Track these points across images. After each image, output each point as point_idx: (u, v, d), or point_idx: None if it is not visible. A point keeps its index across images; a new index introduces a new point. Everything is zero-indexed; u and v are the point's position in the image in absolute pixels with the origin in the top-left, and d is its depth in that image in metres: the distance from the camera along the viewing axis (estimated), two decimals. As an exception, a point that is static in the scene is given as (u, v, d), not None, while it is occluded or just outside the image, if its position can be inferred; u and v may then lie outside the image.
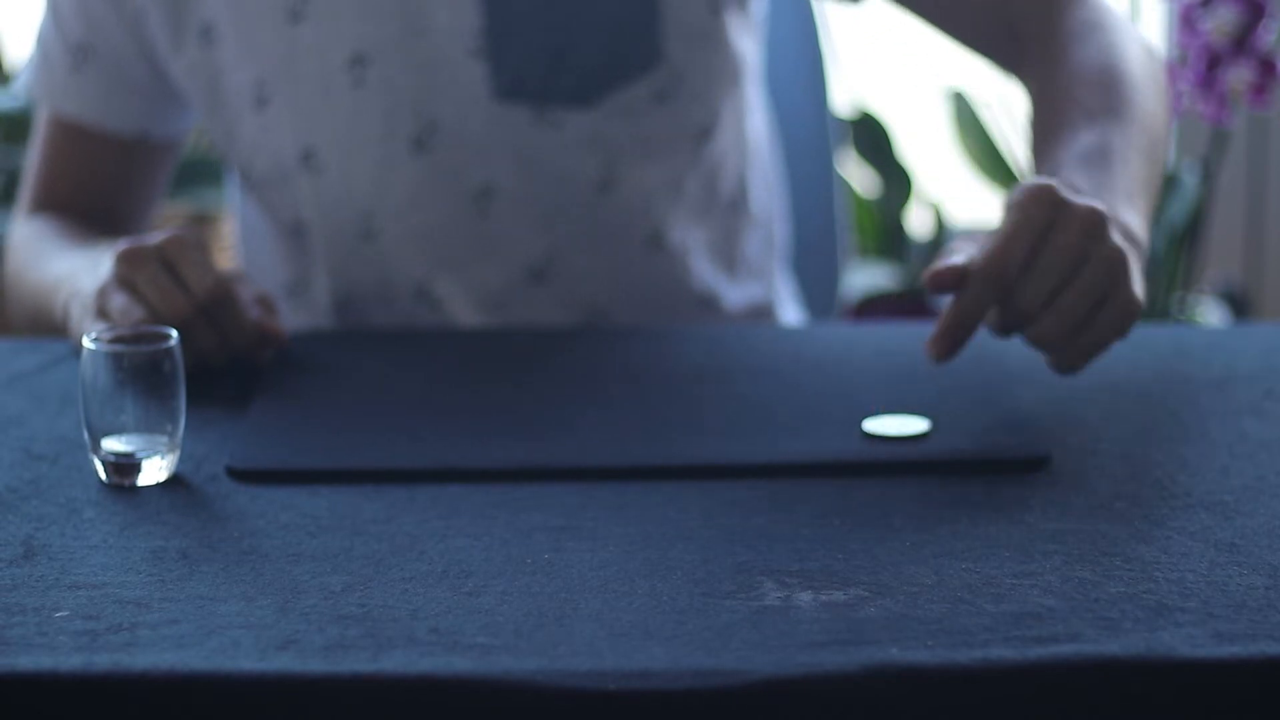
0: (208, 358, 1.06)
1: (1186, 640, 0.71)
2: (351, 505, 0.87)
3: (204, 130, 1.33)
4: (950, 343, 0.99)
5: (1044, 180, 0.99)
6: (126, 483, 0.89)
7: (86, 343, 0.88)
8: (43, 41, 1.32)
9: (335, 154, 1.25)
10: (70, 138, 1.31)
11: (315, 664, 0.70)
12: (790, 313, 1.39)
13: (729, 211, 1.32)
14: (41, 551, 0.81)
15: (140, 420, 0.89)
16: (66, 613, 0.74)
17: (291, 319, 1.33)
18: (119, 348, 0.88)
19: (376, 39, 1.23)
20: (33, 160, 1.33)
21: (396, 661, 0.70)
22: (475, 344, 1.18)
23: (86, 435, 0.89)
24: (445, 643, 0.71)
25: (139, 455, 0.89)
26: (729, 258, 1.33)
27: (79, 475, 0.91)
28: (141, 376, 0.88)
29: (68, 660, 0.70)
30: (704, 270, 1.31)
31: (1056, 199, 0.97)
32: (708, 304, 1.31)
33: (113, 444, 0.89)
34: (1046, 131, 1.14)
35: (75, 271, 1.15)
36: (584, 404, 1.02)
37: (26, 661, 0.70)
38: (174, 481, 0.90)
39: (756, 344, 1.17)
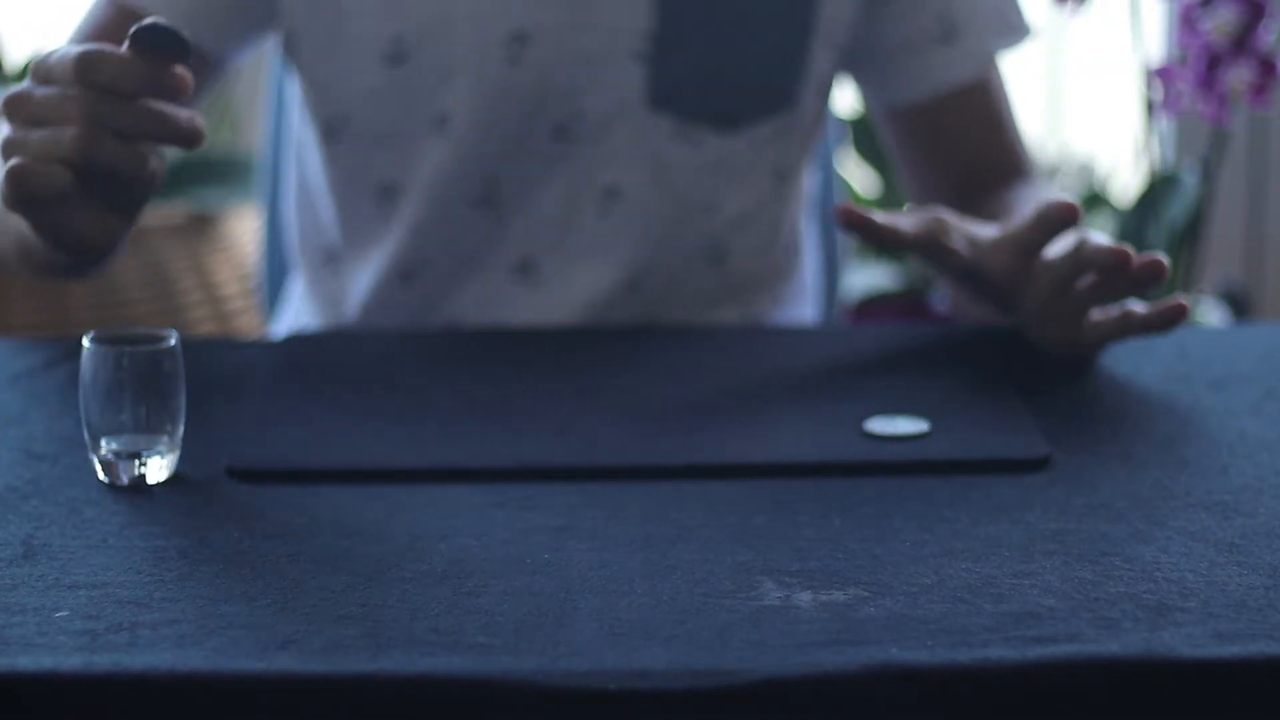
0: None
1: (1186, 640, 0.71)
2: (351, 505, 0.87)
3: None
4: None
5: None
6: (126, 482, 0.89)
7: (86, 342, 0.88)
8: None
9: (474, 124, 1.24)
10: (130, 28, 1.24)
11: (315, 664, 0.70)
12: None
13: (785, 249, 1.35)
14: (41, 551, 0.81)
15: (140, 420, 0.89)
16: (66, 612, 0.74)
17: (325, 286, 1.33)
18: (119, 348, 0.88)
19: (541, 21, 1.22)
20: (70, 42, 1.21)
21: (396, 661, 0.70)
22: (475, 344, 1.18)
23: (86, 434, 0.89)
24: (445, 643, 0.71)
25: (139, 455, 0.89)
26: (777, 291, 1.35)
27: (79, 475, 0.91)
28: (141, 376, 0.88)
29: (68, 660, 0.70)
30: (759, 299, 1.33)
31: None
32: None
33: (112, 443, 0.89)
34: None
35: None
36: (584, 404, 1.02)
37: (26, 661, 0.70)
38: (174, 481, 0.90)
39: (757, 344, 1.17)
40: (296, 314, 1.38)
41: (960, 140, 1.33)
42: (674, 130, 1.26)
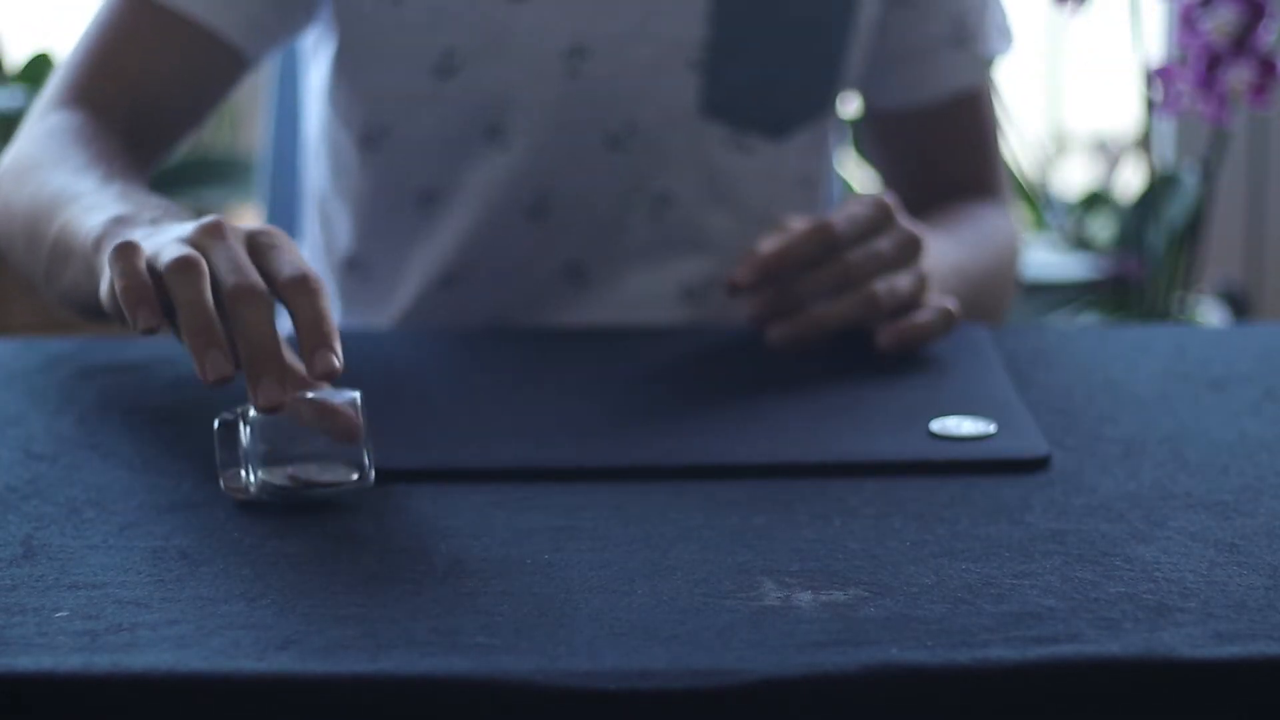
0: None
1: (1186, 640, 0.71)
2: (352, 505, 0.87)
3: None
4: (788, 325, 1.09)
5: (889, 195, 1.11)
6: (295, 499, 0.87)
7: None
8: None
9: (530, 136, 1.25)
10: (161, 27, 1.19)
11: (315, 664, 0.70)
12: None
13: None
14: (41, 551, 0.81)
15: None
16: (66, 613, 0.74)
17: (348, 292, 1.33)
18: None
19: (598, 34, 1.23)
20: (89, 44, 1.20)
21: (396, 661, 0.70)
22: (475, 344, 1.18)
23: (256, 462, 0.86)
24: (445, 643, 0.71)
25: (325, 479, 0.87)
26: None
27: (79, 475, 0.91)
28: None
29: (68, 660, 0.70)
30: None
31: (889, 210, 1.10)
32: None
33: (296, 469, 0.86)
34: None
35: (110, 197, 1.01)
36: (584, 404, 1.02)
37: (26, 661, 0.70)
38: (175, 481, 0.90)
39: (757, 344, 1.16)
40: None
41: (948, 149, 1.34)
42: (726, 138, 1.26)
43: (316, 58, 1.31)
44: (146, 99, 1.20)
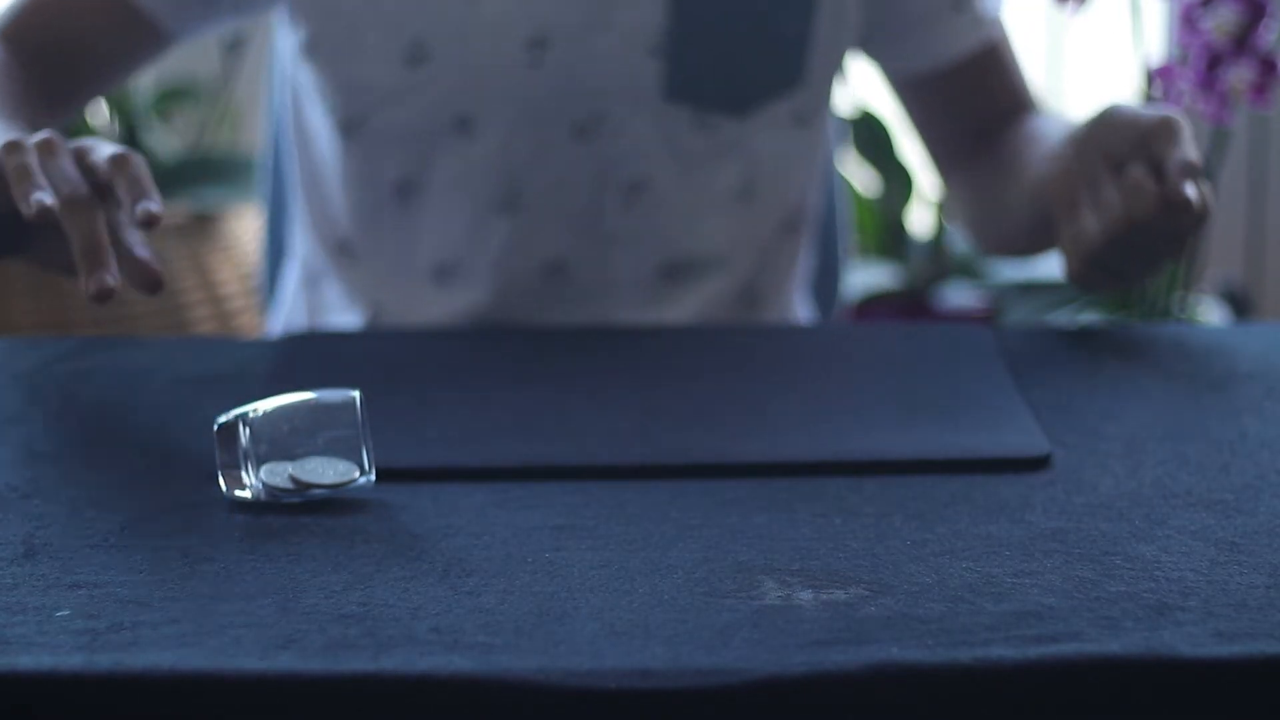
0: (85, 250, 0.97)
1: (1187, 639, 0.71)
2: (352, 505, 0.87)
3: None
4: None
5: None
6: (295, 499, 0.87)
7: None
8: None
9: (496, 127, 1.26)
10: None
11: (316, 663, 0.70)
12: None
13: (804, 237, 1.37)
14: (42, 550, 0.81)
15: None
16: (67, 612, 0.74)
17: (340, 275, 1.33)
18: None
19: (560, 24, 1.24)
20: None
21: (397, 661, 0.70)
22: (474, 343, 1.18)
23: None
24: (445, 642, 0.71)
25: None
26: (788, 293, 1.37)
27: (79, 474, 0.91)
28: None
29: (68, 659, 0.70)
30: (799, 281, 1.36)
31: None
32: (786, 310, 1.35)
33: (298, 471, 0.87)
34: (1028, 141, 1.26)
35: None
36: (584, 404, 1.02)
37: (27, 661, 0.70)
38: (175, 481, 0.90)
39: (757, 343, 1.17)
40: (292, 308, 1.38)
41: (976, 97, 1.35)
42: (690, 120, 1.27)
43: (285, 40, 1.32)
44: (64, 54, 1.26)
